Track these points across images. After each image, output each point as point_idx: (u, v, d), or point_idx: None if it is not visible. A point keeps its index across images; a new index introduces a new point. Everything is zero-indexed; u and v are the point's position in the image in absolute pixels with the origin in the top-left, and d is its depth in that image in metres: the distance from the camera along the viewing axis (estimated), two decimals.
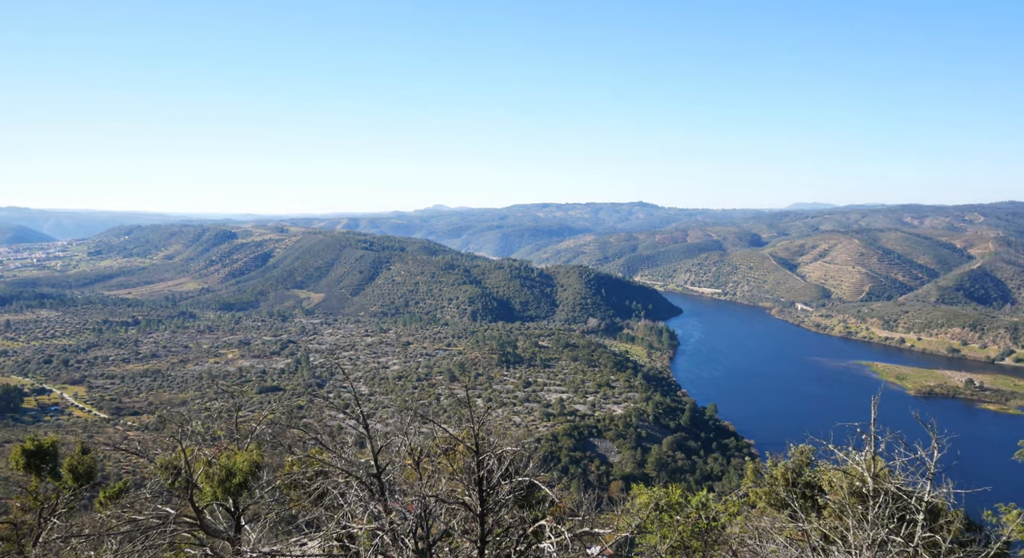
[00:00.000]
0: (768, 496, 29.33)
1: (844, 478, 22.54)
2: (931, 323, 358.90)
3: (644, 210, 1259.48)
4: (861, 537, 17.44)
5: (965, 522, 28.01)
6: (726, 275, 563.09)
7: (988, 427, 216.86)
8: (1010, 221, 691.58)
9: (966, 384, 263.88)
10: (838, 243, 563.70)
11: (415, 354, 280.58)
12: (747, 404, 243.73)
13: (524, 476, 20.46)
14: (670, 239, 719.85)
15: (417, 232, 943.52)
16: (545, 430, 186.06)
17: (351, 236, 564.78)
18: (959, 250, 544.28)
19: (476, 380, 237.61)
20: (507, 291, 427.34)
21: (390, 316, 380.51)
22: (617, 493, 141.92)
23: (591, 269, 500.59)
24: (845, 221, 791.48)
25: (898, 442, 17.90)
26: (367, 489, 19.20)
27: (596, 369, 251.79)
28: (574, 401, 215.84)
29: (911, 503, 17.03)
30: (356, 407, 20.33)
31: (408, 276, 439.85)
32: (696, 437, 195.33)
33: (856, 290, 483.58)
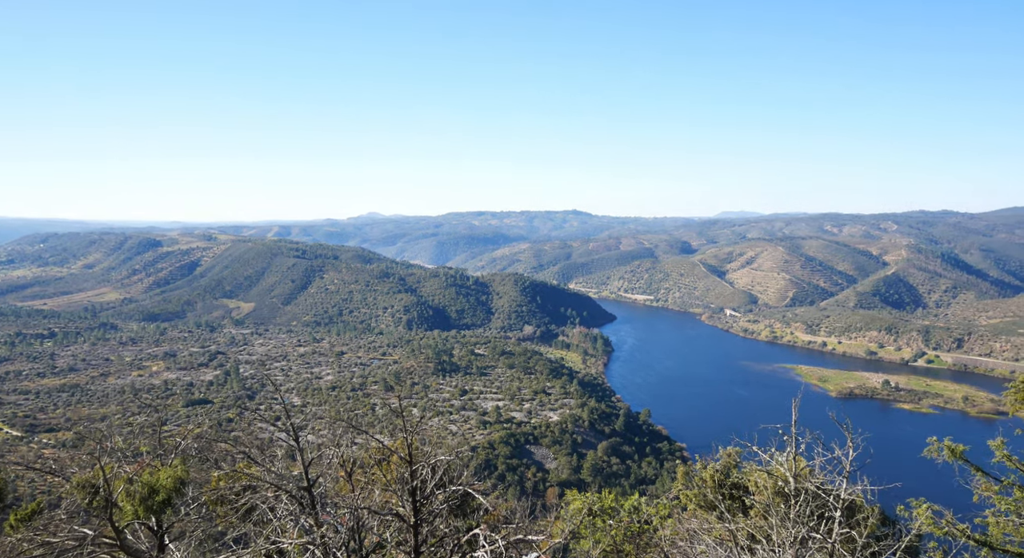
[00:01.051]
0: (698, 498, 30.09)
1: (768, 479, 23.35)
2: (850, 327, 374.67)
3: (578, 218, 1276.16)
4: (784, 535, 18.06)
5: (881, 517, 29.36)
6: (658, 282, 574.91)
7: (903, 425, 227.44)
8: (920, 229, 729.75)
9: (883, 385, 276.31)
10: (764, 250, 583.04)
11: (349, 364, 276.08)
12: (679, 408, 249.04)
13: (458, 485, 20.41)
14: (604, 247, 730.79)
15: (351, 240, 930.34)
16: (482, 438, 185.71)
17: (283, 244, 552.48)
18: (875, 257, 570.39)
19: (412, 389, 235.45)
20: (443, 299, 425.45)
21: (323, 325, 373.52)
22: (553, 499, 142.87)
23: (526, 277, 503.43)
24: (770, 229, 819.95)
25: (817, 442, 18.68)
26: (297, 503, 18.80)
27: (532, 376, 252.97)
28: (510, 408, 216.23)
29: (829, 501, 17.76)
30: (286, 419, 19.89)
31: (342, 285, 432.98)
32: (631, 442, 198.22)
33: (781, 296, 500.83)
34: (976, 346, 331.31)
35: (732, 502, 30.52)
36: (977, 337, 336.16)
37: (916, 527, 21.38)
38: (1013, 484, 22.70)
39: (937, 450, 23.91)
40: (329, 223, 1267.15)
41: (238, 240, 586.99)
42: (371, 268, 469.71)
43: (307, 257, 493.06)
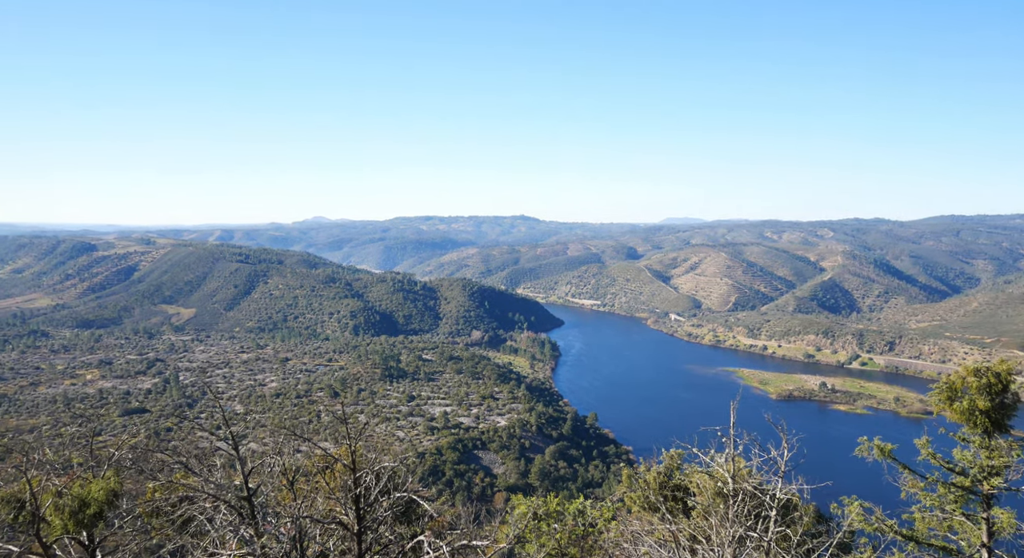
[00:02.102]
0: (641, 500, 30.57)
1: (709, 480, 23.91)
2: (789, 331, 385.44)
3: (526, 223, 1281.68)
4: (723, 535, 18.53)
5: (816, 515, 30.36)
6: (605, 287, 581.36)
7: (838, 426, 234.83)
8: (855, 237, 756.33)
9: (820, 387, 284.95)
10: (707, 256, 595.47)
11: (294, 370, 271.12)
12: (626, 411, 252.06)
13: (403, 492, 20.31)
14: (551, 252, 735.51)
15: (296, 245, 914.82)
16: (429, 444, 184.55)
17: (225, 249, 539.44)
18: (813, 263, 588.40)
19: (358, 395, 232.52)
20: (390, 304, 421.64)
21: (267, 331, 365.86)
22: (501, 504, 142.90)
23: (475, 282, 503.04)
24: (713, 235, 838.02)
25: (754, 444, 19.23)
26: (237, 513, 18.42)
27: (480, 381, 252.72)
28: (458, 414, 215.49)
29: (766, 500, 18.29)
30: (226, 428, 19.48)
31: (287, 290, 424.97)
32: (578, 445, 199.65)
33: (724, 301, 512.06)
34: (906, 349, 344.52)
35: (675, 503, 31.12)
36: (907, 340, 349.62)
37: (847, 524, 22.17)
38: (937, 481, 23.73)
39: (867, 449, 24.83)
40: (274, 227, 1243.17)
41: (178, 244, 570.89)
42: (317, 273, 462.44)
43: (251, 262, 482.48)
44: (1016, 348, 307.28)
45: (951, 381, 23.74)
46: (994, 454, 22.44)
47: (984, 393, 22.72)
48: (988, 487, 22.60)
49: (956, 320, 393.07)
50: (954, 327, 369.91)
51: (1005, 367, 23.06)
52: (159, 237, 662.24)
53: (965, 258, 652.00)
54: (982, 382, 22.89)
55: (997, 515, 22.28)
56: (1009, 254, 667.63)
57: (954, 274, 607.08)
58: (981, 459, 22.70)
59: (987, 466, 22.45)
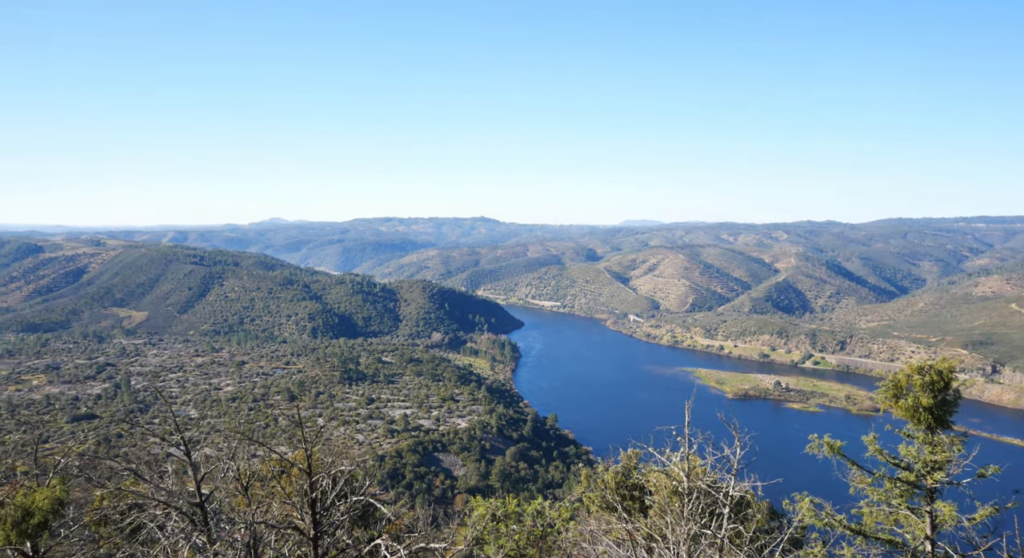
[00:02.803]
0: (599, 500, 30.87)
1: (665, 479, 24.27)
2: (745, 331, 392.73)
3: (486, 225, 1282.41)
4: (679, 532, 18.83)
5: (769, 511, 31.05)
6: (565, 288, 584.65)
7: (792, 424, 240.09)
8: (808, 239, 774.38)
9: (775, 386, 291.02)
10: (665, 258, 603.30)
11: (251, 374, 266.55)
12: (586, 411, 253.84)
13: (360, 495, 20.17)
14: (511, 254, 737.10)
15: (253, 246, 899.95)
16: (389, 447, 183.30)
17: (179, 250, 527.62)
18: (767, 264, 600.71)
19: (317, 399, 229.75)
20: (349, 306, 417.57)
21: (223, 334, 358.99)
22: (461, 506, 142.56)
23: (435, 283, 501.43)
24: (671, 237, 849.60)
25: (708, 443, 19.60)
26: (189, 520, 18.07)
27: (440, 383, 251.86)
28: (418, 416, 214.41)
29: (719, 498, 18.65)
30: (177, 433, 19.10)
31: (243, 292, 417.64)
32: (538, 446, 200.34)
33: (682, 301, 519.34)
34: (857, 348, 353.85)
35: (632, 502, 31.48)
36: (858, 340, 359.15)
37: (799, 519, 22.72)
38: (884, 476, 24.42)
39: (818, 446, 25.41)
40: (229, 228, 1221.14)
41: (130, 246, 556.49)
42: (274, 275, 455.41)
43: (205, 264, 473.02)
44: (959, 347, 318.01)
45: (897, 379, 24.47)
46: (937, 449, 23.20)
47: (927, 390, 23.47)
48: (931, 481, 23.35)
49: (904, 320, 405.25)
50: (902, 327, 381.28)
51: (947, 365, 23.86)
52: (110, 238, 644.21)
53: (912, 260, 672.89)
54: (925, 380, 23.64)
55: (940, 508, 23.05)
56: (952, 256, 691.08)
57: (902, 275, 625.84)
58: (925, 454, 23.44)
59: (930, 461, 23.20)
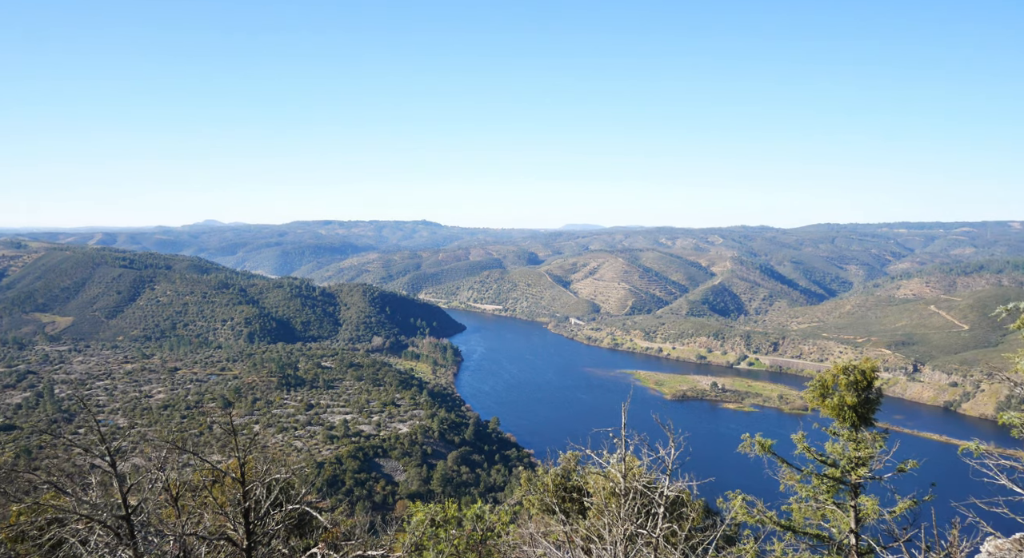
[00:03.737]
0: (539, 502, 31.08)
1: (603, 480, 24.62)
2: (683, 334, 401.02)
3: (428, 228, 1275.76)
4: (616, 533, 19.10)
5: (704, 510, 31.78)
6: (506, 292, 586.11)
7: (728, 423, 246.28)
8: (742, 243, 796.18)
9: (711, 387, 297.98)
10: (606, 261, 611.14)
11: (184, 380, 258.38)
12: (527, 414, 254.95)
13: (296, 504, 19.79)
14: (453, 257, 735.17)
15: (186, 249, 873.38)
16: (329, 453, 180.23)
17: (107, 253, 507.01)
18: (704, 268, 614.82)
19: (254, 405, 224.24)
20: (287, 311, 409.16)
21: (155, 340, 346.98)
22: (403, 512, 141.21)
23: (375, 287, 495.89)
24: (611, 241, 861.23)
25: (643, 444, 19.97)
26: (114, 534, 17.40)
27: (381, 388, 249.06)
28: (359, 422, 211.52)
29: (654, 498, 19.01)
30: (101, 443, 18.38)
31: (176, 296, 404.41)
32: (480, 450, 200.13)
33: (621, 305, 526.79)
34: (789, 349, 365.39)
35: (572, 504, 31.80)
36: (790, 341, 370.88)
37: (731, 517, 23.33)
38: (811, 473, 25.31)
39: (750, 446, 26.17)
40: (161, 230, 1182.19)
41: (54, 248, 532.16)
42: (208, 278, 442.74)
43: (136, 267, 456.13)
44: (884, 347, 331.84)
45: (823, 379, 25.43)
46: (860, 446, 24.19)
47: (851, 389, 24.48)
48: (856, 477, 24.33)
49: (832, 321, 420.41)
50: (830, 328, 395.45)
51: (869, 365, 24.92)
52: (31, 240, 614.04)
53: (840, 263, 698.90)
54: (850, 379, 24.64)
55: (863, 503, 24.03)
56: (877, 260, 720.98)
57: (830, 278, 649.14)
58: (849, 451, 24.42)
59: (854, 457, 24.18)
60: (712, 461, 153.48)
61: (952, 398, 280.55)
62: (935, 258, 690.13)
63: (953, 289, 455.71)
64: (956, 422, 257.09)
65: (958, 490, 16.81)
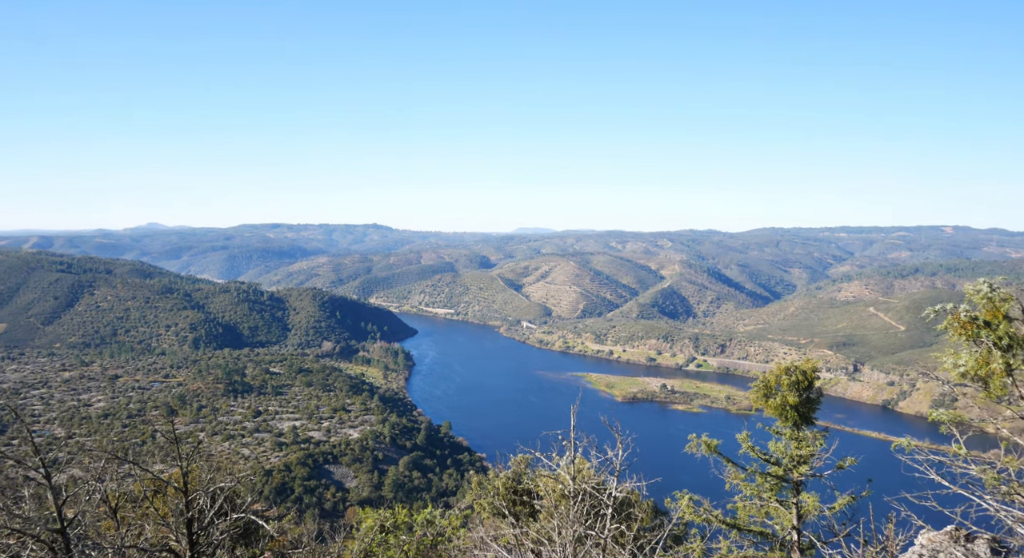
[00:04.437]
0: (491, 506, 31.09)
1: (553, 483, 24.77)
2: (633, 336, 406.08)
3: (379, 232, 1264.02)
4: (565, 535, 19.25)
5: (653, 510, 32.26)
6: (458, 296, 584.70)
7: (677, 424, 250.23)
8: (690, 247, 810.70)
9: (661, 389, 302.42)
10: (557, 265, 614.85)
11: (126, 388, 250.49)
12: (479, 418, 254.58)
13: (241, 513, 19.40)
14: (404, 261, 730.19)
15: (128, 253, 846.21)
16: (277, 460, 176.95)
17: (43, 257, 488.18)
18: (654, 271, 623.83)
19: (199, 413, 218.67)
20: (234, 316, 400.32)
21: (94, 347, 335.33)
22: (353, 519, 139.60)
23: (325, 291, 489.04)
24: (563, 245, 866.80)
25: (591, 446, 20.20)
26: (48, 548, 16.77)
27: (331, 393, 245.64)
28: (308, 428, 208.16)
29: (603, 499, 19.24)
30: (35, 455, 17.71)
31: (117, 302, 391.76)
32: (432, 455, 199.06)
33: (573, 308, 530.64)
34: (736, 351, 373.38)
35: (522, 507, 31.90)
36: (736, 343, 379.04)
37: (679, 516, 23.78)
38: (755, 471, 25.95)
39: (696, 446, 26.70)
40: (101, 233, 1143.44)
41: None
42: (152, 283, 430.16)
43: (74, 271, 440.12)
44: (826, 348, 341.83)
45: (767, 380, 26.11)
46: (802, 444, 24.92)
47: (793, 389, 25.19)
48: (797, 475, 25.04)
49: (777, 323, 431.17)
50: (775, 330, 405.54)
51: (810, 365, 25.70)
52: None
53: (784, 267, 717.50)
54: (792, 379, 25.37)
55: (804, 499, 24.75)
56: (819, 263, 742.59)
57: (775, 281, 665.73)
58: (791, 449, 25.12)
59: (796, 456, 24.89)
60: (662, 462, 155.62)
61: (890, 397, 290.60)
62: (873, 261, 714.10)
63: (891, 291, 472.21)
64: (894, 420, 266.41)
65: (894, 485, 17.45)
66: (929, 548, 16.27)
